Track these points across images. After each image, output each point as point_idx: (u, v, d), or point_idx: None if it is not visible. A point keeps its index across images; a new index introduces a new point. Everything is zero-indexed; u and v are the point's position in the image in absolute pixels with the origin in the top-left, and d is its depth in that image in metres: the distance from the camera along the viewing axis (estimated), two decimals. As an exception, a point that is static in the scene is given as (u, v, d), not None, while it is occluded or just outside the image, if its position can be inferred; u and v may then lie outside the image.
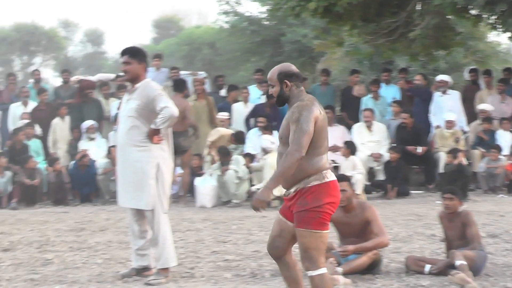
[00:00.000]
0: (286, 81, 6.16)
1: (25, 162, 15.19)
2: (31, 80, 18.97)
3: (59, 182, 15.32)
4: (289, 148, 6.00)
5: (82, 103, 16.89)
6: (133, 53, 8.12)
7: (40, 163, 15.71)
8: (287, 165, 5.96)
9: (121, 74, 14.47)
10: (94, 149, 16.03)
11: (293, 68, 6.26)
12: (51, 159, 15.70)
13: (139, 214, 8.06)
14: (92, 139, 16.16)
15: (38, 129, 16.45)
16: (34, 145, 15.95)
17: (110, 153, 15.15)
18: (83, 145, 16.07)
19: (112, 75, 18.77)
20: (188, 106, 14.59)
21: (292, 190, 6.10)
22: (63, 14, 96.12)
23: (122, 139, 8.08)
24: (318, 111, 6.04)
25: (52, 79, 56.60)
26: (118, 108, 15.99)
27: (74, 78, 18.64)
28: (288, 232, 6.22)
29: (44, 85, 18.80)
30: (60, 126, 16.43)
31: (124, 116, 8.12)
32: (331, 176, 6.10)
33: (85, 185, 15.50)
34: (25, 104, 16.90)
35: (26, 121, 16.20)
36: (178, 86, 14.92)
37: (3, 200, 14.80)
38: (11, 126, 16.65)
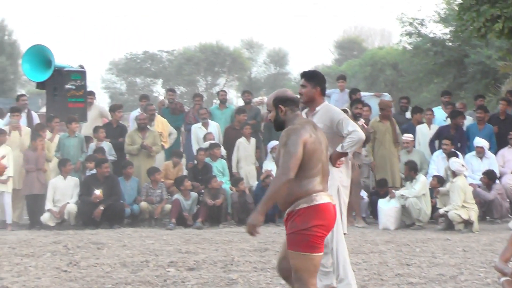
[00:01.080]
0: (280, 106, 6.49)
1: (208, 182, 15.59)
2: (216, 101, 19.47)
3: (243, 202, 15.60)
4: (277, 171, 6.29)
5: (270, 123, 17.14)
6: (309, 77, 8.31)
7: (225, 183, 16.08)
8: (275, 188, 6.18)
9: (302, 95, 14.64)
10: (278, 170, 16.20)
11: (289, 93, 6.58)
12: (235, 179, 16.04)
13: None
14: (276, 159, 16.35)
15: (223, 150, 16.82)
16: (219, 165, 16.34)
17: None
18: (267, 165, 16.32)
19: (297, 96, 18.97)
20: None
21: (286, 213, 6.29)
22: (247, 34, 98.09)
23: None
24: (308, 135, 6.26)
25: (235, 99, 57.90)
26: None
27: (257, 99, 18.99)
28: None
29: (228, 105, 19.22)
30: (244, 146, 16.74)
31: None
32: (321, 199, 6.25)
33: (269, 206, 15.67)
34: (205, 125, 17.30)
35: (212, 141, 16.61)
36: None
37: (189, 219, 15.23)
38: (194, 147, 17.11)
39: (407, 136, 15.99)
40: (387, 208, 14.70)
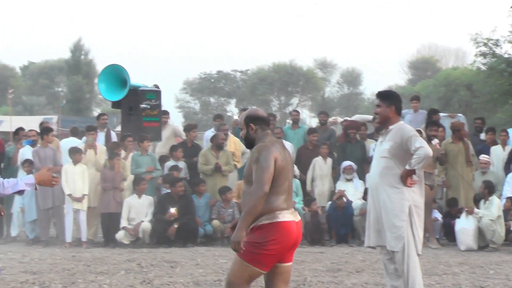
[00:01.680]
0: (251, 124, 6.66)
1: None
2: (289, 121, 19.49)
3: (316, 222, 15.57)
4: (252, 187, 6.40)
5: (346, 143, 17.15)
6: (383, 97, 8.38)
7: (298, 203, 16.06)
8: (252, 204, 6.34)
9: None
10: (351, 190, 16.18)
11: (260, 112, 6.80)
12: (307, 200, 16.03)
13: (392, 253, 8.13)
14: (349, 179, 16.33)
15: (296, 170, 16.82)
16: (293, 185, 16.29)
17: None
18: (340, 185, 16.28)
19: (370, 117, 18.92)
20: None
21: (250, 227, 6.47)
22: (320, 54, 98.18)
23: (375, 180, 8.30)
24: (277, 152, 6.48)
25: (308, 119, 57.86)
26: (374, 150, 16.23)
27: (331, 119, 18.99)
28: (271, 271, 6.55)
29: (301, 125, 19.23)
30: (320, 165, 16.70)
31: (377, 157, 8.34)
32: (283, 217, 6.43)
33: (342, 226, 15.66)
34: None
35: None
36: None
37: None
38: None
39: (484, 157, 15.80)
40: (462, 229, 14.51)
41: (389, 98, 8.33)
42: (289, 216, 6.48)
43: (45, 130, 16.53)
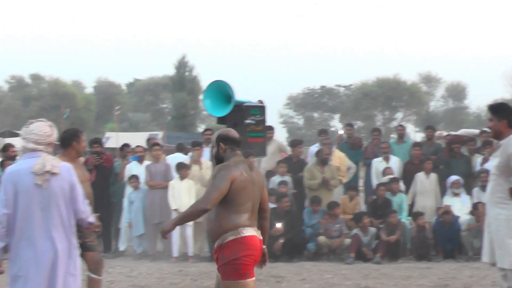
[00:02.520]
0: (221, 144, 7.04)
1: (387, 217, 15.47)
2: (393, 135, 19.31)
3: (422, 237, 15.36)
4: (199, 198, 6.88)
5: (450, 158, 16.90)
6: (494, 110, 8.24)
7: (404, 218, 15.89)
8: (190, 211, 6.77)
9: (486, 129, 14.34)
10: (458, 205, 15.90)
11: (231, 133, 7.16)
12: (415, 214, 15.83)
13: (504, 270, 7.97)
14: (456, 194, 16.06)
15: (402, 185, 16.65)
16: (399, 199, 16.17)
17: (476, 209, 15.03)
18: (447, 200, 16.02)
19: (477, 131, 18.59)
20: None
21: (215, 245, 6.87)
22: (424, 68, 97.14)
23: (487, 196, 8.26)
24: (238, 173, 6.78)
25: (413, 134, 57.28)
26: (481, 165, 15.92)
27: (437, 134, 18.73)
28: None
29: (406, 140, 19.03)
30: (422, 180, 16.48)
31: (490, 174, 8.28)
32: (247, 232, 6.80)
33: (449, 241, 15.40)
34: (386, 159, 17.20)
35: (391, 176, 16.48)
36: None
37: (368, 254, 15.12)
38: (374, 181, 17.05)
39: None
40: None
41: (500, 111, 8.17)
42: (252, 232, 6.87)
43: (150, 144, 16.86)
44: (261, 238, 6.96)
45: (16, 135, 36.88)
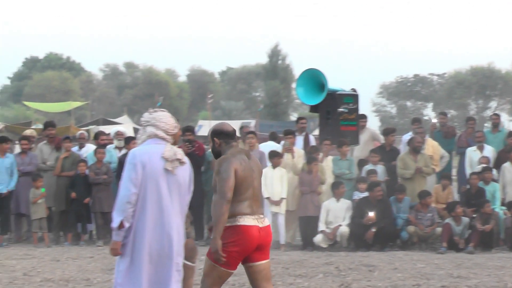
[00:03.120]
0: (215, 138, 7.25)
1: (481, 206, 15.28)
2: (487, 124, 19.03)
3: (517, 227, 15.14)
4: (215, 198, 7.00)
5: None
6: None
7: (498, 207, 15.67)
8: (218, 213, 6.91)
9: None
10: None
11: (224, 127, 7.31)
12: (509, 204, 15.61)
13: None
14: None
15: (495, 174, 16.42)
16: (492, 189, 15.95)
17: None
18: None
19: None
20: None
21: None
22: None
23: None
24: (238, 163, 7.06)
25: (507, 123, 56.18)
26: None
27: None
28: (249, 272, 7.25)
29: (501, 129, 18.72)
30: (510, 170, 16.23)
31: None
32: (244, 221, 7.02)
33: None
34: (480, 148, 16.97)
35: (484, 165, 16.27)
36: None
37: (460, 243, 14.97)
38: (468, 170, 16.84)
39: None
40: None
41: None
42: (250, 221, 7.08)
43: (244, 133, 16.99)
44: (265, 225, 7.15)
45: (110, 123, 37.52)
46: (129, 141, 16.38)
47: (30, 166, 16.21)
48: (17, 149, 17.85)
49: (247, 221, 7.06)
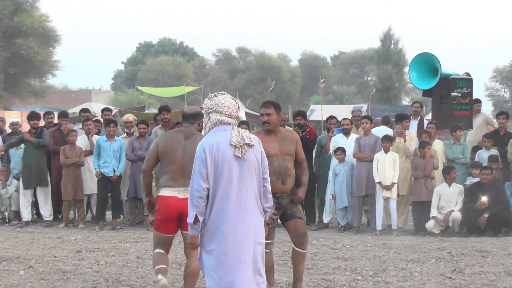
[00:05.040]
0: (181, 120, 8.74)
1: None
2: None
3: None
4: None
5: None
6: None
7: None
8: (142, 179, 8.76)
9: None
10: None
11: (184, 111, 8.65)
12: None
13: None
14: None
15: None
16: None
17: None
18: None
19: None
20: None
21: None
22: None
23: None
24: (163, 140, 8.33)
25: None
26: None
27: None
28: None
29: None
30: None
31: None
32: (162, 192, 8.21)
33: None
34: None
35: None
36: None
37: None
38: None
39: None
40: None
41: None
42: (169, 192, 8.18)
43: (355, 117, 17.03)
44: (185, 197, 8.00)
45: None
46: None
47: (147, 150, 16.43)
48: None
49: (165, 192, 8.20)
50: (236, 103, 6.97)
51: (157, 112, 18.32)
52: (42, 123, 17.17)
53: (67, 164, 16.11)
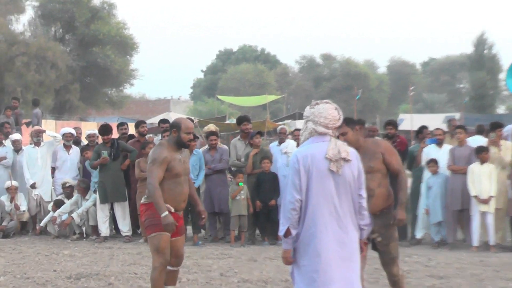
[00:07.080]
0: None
1: None
2: None
3: None
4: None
5: None
6: None
7: None
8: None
9: None
10: None
11: (180, 120, 9.18)
12: None
13: None
14: None
15: None
16: None
17: None
18: None
19: None
20: None
21: None
22: None
23: None
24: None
25: None
26: None
27: None
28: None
29: None
30: None
31: None
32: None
33: None
34: None
35: None
36: None
37: None
38: None
39: None
40: None
41: None
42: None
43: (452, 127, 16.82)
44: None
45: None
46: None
47: (221, 163, 16.41)
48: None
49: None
50: (339, 113, 6.78)
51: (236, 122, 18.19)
52: (116, 134, 17.26)
53: (142, 177, 15.67)
